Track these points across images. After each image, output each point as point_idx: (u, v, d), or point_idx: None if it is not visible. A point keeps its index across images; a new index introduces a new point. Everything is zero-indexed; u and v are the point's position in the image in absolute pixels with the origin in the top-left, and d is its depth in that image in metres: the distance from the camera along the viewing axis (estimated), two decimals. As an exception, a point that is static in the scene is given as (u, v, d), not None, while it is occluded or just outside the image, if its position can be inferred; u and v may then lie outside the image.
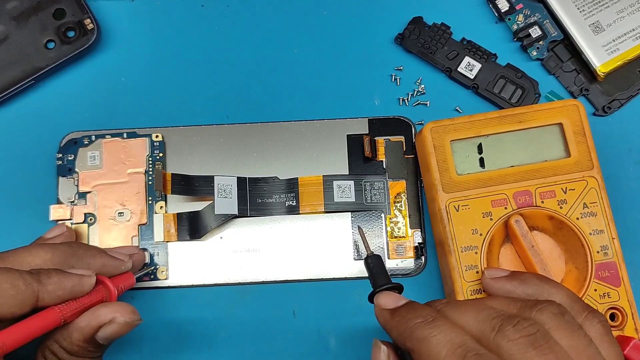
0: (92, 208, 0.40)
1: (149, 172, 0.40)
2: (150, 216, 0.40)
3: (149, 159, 0.40)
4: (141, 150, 0.40)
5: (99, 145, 0.40)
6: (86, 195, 0.40)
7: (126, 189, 0.40)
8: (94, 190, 0.40)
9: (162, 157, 0.40)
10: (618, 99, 0.42)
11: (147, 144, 0.40)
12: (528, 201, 0.38)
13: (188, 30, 0.44)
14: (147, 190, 0.40)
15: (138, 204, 0.40)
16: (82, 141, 0.41)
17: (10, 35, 0.42)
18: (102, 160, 0.40)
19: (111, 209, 0.40)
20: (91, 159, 0.40)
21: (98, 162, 0.40)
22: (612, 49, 0.42)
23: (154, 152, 0.40)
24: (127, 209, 0.40)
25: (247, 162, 0.41)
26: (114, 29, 0.44)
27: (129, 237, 0.39)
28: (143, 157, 0.40)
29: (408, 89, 0.43)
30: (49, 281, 0.30)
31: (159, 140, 0.40)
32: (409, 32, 0.43)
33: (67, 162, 0.40)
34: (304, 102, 0.43)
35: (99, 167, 0.40)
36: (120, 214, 0.40)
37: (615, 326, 0.36)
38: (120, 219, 0.40)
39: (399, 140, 0.42)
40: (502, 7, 0.43)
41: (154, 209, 0.40)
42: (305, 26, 0.44)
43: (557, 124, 0.39)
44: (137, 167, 0.40)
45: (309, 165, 0.42)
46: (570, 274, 0.37)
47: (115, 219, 0.40)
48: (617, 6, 0.42)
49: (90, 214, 0.40)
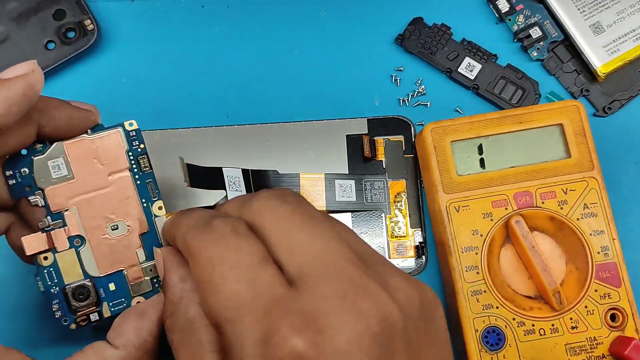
0: (75, 229, 0.32)
1: (133, 169, 0.32)
2: (151, 222, 0.33)
3: (129, 155, 0.32)
4: (117, 146, 0.32)
5: (59, 150, 0.31)
6: (62, 215, 0.31)
7: (112, 197, 0.32)
8: (71, 207, 0.31)
9: (144, 149, 0.32)
10: (618, 99, 0.42)
11: (122, 137, 0.32)
12: (528, 202, 0.38)
13: (188, 30, 0.44)
14: (139, 193, 0.33)
15: (132, 210, 0.32)
16: (32, 149, 0.31)
17: (10, 36, 0.42)
18: (71, 169, 0.31)
19: (101, 225, 0.32)
20: (55, 169, 0.31)
21: (65, 172, 0.31)
22: (613, 50, 0.42)
23: (133, 145, 0.32)
24: (121, 220, 0.32)
25: (247, 163, 0.41)
26: (114, 29, 0.44)
27: (133, 252, 0.33)
28: (122, 153, 0.32)
29: (408, 90, 0.43)
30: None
31: (134, 129, 0.32)
32: (409, 32, 0.43)
33: (22, 178, 0.31)
34: (303, 103, 0.43)
35: (69, 177, 0.31)
36: (114, 227, 0.32)
37: (616, 327, 0.36)
38: (116, 233, 0.32)
39: (398, 140, 0.42)
40: (502, 8, 0.43)
41: (152, 211, 0.33)
42: (305, 26, 0.44)
43: (558, 124, 0.39)
44: (119, 167, 0.32)
45: (308, 166, 0.41)
46: (571, 274, 0.37)
47: (109, 234, 0.32)
48: (617, 7, 0.42)
49: (75, 237, 0.32)
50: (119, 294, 0.32)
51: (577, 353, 0.36)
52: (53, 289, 0.31)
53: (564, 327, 0.36)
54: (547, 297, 0.36)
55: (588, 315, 0.36)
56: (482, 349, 0.36)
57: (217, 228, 0.26)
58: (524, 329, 0.36)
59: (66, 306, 0.31)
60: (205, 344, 0.26)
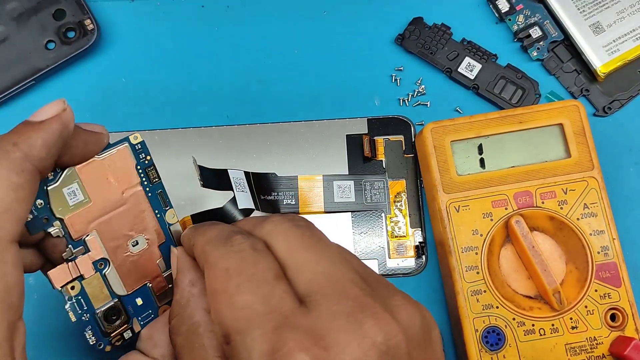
0: (99, 253, 0.31)
1: (144, 183, 0.32)
2: (166, 230, 0.33)
3: (138, 169, 0.32)
4: (127, 162, 0.32)
5: (72, 175, 0.30)
6: (84, 241, 0.30)
7: (129, 213, 0.32)
8: (91, 232, 0.31)
9: (150, 160, 0.32)
10: (618, 99, 0.42)
11: (130, 153, 0.32)
12: (528, 202, 0.38)
13: (188, 30, 0.44)
14: (152, 204, 0.32)
15: (148, 224, 0.32)
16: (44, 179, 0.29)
17: (10, 36, 0.42)
18: (86, 192, 0.30)
19: (122, 244, 0.32)
20: (71, 195, 0.30)
21: (82, 197, 0.30)
22: (613, 50, 0.42)
23: (140, 158, 0.32)
24: (140, 235, 0.32)
25: (247, 163, 0.41)
26: (114, 29, 0.44)
27: (155, 264, 0.32)
28: (132, 168, 0.32)
29: (408, 90, 0.43)
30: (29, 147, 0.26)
31: (139, 141, 0.32)
32: (409, 32, 0.43)
33: (38, 212, 0.29)
34: (303, 103, 0.43)
35: (86, 201, 0.30)
36: (134, 244, 0.32)
37: (616, 326, 0.36)
38: (137, 249, 0.32)
39: (398, 140, 0.42)
40: (502, 8, 0.43)
41: (166, 220, 0.33)
42: (305, 26, 0.44)
43: (558, 124, 0.39)
44: (131, 183, 0.32)
45: (308, 166, 0.41)
46: (571, 274, 0.37)
47: (131, 251, 0.32)
48: (617, 7, 0.42)
49: (99, 260, 0.31)
50: (147, 307, 0.32)
51: (577, 353, 0.36)
52: (84, 317, 0.31)
53: (564, 327, 0.36)
54: (547, 297, 0.36)
55: (588, 315, 0.36)
56: (482, 348, 0.36)
57: (237, 242, 0.27)
58: (524, 329, 0.36)
59: (99, 330, 0.31)
60: (208, 349, 0.27)
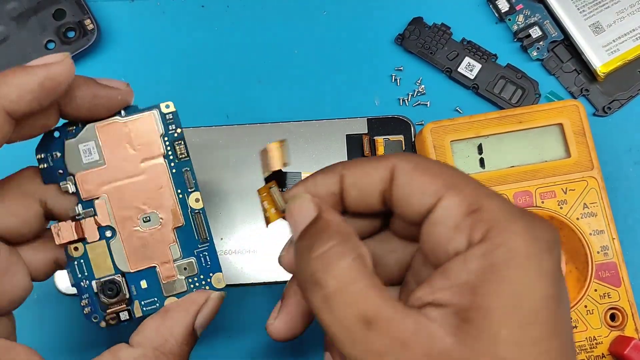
0: (106, 219, 0.29)
1: (169, 156, 0.29)
2: (187, 215, 0.30)
3: (164, 140, 0.29)
4: (151, 130, 0.29)
5: (91, 133, 0.29)
6: (93, 203, 0.29)
7: (145, 186, 0.29)
8: (102, 195, 0.29)
9: (181, 134, 0.29)
10: (618, 99, 0.42)
11: (157, 120, 0.29)
12: (528, 201, 0.38)
13: (188, 30, 0.44)
14: (174, 182, 0.29)
15: (165, 202, 0.29)
16: (65, 131, 0.29)
17: (10, 36, 0.42)
18: (102, 153, 0.29)
19: (132, 216, 0.29)
20: (86, 153, 0.29)
21: (97, 157, 0.29)
22: (612, 50, 0.42)
23: (169, 129, 0.29)
24: (154, 212, 0.29)
25: (247, 163, 0.41)
26: (114, 29, 0.44)
27: (166, 248, 0.30)
28: (157, 138, 0.29)
29: (408, 89, 0.43)
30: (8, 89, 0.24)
31: (171, 111, 0.29)
32: (409, 32, 0.43)
33: (54, 162, 0.29)
34: (303, 102, 0.43)
35: (100, 162, 0.29)
36: (145, 219, 0.29)
37: (616, 326, 0.36)
38: (147, 225, 0.29)
39: (398, 140, 0.42)
40: (502, 8, 0.43)
41: (188, 204, 0.30)
42: (305, 26, 0.44)
43: (557, 124, 0.39)
44: (152, 154, 0.29)
45: (308, 166, 0.41)
46: (571, 274, 0.37)
47: (141, 227, 0.29)
48: (617, 7, 0.42)
49: (106, 227, 0.29)
50: (151, 292, 0.30)
51: (576, 353, 0.36)
52: (83, 282, 0.29)
53: (563, 326, 0.36)
54: (546, 296, 0.36)
55: (588, 314, 0.36)
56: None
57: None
58: (524, 328, 0.36)
59: (96, 302, 0.29)
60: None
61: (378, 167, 0.26)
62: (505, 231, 0.22)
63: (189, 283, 0.30)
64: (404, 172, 0.25)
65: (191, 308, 0.28)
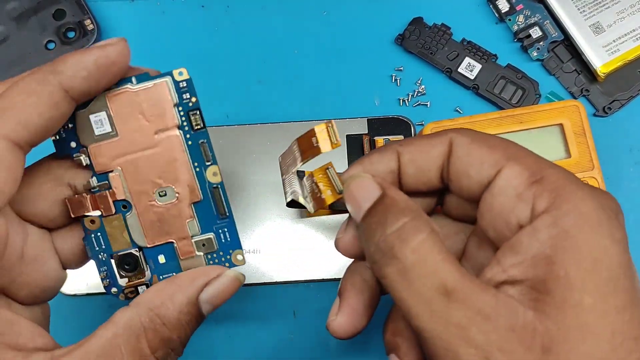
0: (120, 193, 0.28)
1: (184, 127, 0.28)
2: (205, 189, 0.28)
3: (178, 110, 0.28)
4: (164, 99, 0.27)
5: (102, 103, 0.27)
6: (108, 176, 0.28)
7: (159, 159, 0.28)
8: (116, 168, 0.28)
9: (196, 103, 0.28)
10: (618, 99, 0.42)
11: (171, 88, 0.28)
12: (528, 202, 0.38)
13: (188, 30, 0.44)
14: (190, 155, 0.28)
15: (181, 176, 0.28)
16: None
17: (10, 36, 0.42)
18: (114, 125, 0.27)
19: (147, 190, 0.28)
20: (97, 124, 0.27)
21: (108, 128, 0.27)
22: (613, 50, 0.42)
23: (183, 98, 0.28)
24: (170, 186, 0.28)
25: (247, 163, 0.41)
26: (114, 29, 0.44)
27: (184, 223, 0.28)
28: (170, 107, 0.27)
29: (408, 90, 0.43)
30: (65, 66, 0.24)
31: (184, 78, 0.28)
32: (409, 32, 0.43)
33: (67, 135, 0.27)
34: (303, 103, 0.43)
35: (112, 134, 0.27)
36: (161, 193, 0.28)
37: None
38: (164, 200, 0.28)
39: (398, 140, 0.42)
40: (502, 8, 0.43)
41: (206, 178, 0.28)
42: (305, 26, 0.44)
43: (558, 124, 0.39)
44: (166, 125, 0.27)
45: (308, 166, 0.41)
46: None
47: (157, 201, 0.28)
48: (617, 7, 0.42)
49: (121, 202, 0.28)
50: (170, 268, 0.29)
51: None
52: (101, 255, 0.28)
53: (564, 327, 0.36)
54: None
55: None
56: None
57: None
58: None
59: (114, 275, 0.29)
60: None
61: (435, 142, 0.26)
62: (573, 199, 0.22)
63: (207, 260, 0.29)
64: (462, 145, 0.25)
65: (199, 279, 0.26)
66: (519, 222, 0.23)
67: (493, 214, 0.24)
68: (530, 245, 0.22)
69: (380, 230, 0.23)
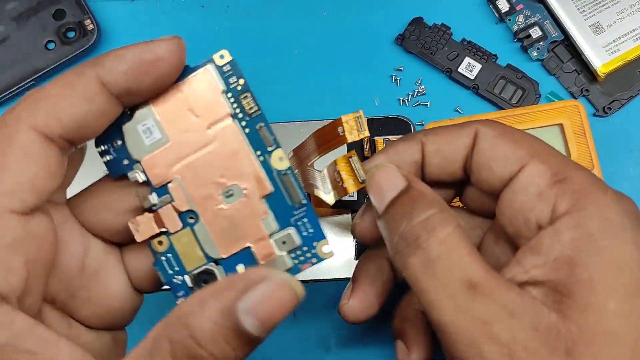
0: (184, 203, 0.25)
1: (237, 114, 0.25)
2: (273, 178, 0.25)
3: (228, 96, 0.25)
4: (210, 88, 0.25)
5: (146, 109, 0.25)
6: (167, 188, 0.25)
7: (218, 155, 0.25)
8: (174, 177, 0.25)
9: (245, 85, 0.25)
10: (618, 99, 0.42)
11: (215, 75, 0.25)
12: (528, 202, 0.38)
13: (188, 30, 0.44)
14: (250, 143, 0.25)
15: (245, 168, 0.25)
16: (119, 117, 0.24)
17: (10, 36, 0.42)
18: (163, 129, 0.25)
19: (212, 193, 0.25)
20: (146, 133, 0.25)
21: (158, 135, 0.25)
22: (613, 50, 0.42)
23: (230, 83, 0.25)
24: (235, 183, 0.25)
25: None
26: (114, 29, 0.44)
27: (258, 222, 0.25)
28: (218, 96, 0.25)
29: (408, 90, 0.43)
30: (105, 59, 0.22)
31: (227, 61, 0.25)
32: (409, 32, 0.43)
33: (117, 153, 0.25)
34: (303, 102, 0.43)
35: (164, 141, 0.25)
36: (228, 194, 0.25)
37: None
38: (232, 200, 0.25)
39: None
40: (502, 8, 0.43)
41: (272, 165, 0.25)
42: (306, 26, 0.44)
43: (558, 124, 0.39)
44: (218, 116, 0.25)
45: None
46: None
47: (224, 203, 0.25)
48: (617, 7, 0.42)
49: (186, 213, 0.25)
50: None
51: None
52: (175, 279, 0.25)
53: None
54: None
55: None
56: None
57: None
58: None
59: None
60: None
61: (461, 133, 0.25)
62: (597, 202, 0.22)
63: (292, 258, 0.25)
64: (488, 138, 0.25)
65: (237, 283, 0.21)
66: (537, 221, 0.22)
67: (513, 211, 0.23)
68: (552, 246, 0.22)
69: (406, 220, 0.23)
